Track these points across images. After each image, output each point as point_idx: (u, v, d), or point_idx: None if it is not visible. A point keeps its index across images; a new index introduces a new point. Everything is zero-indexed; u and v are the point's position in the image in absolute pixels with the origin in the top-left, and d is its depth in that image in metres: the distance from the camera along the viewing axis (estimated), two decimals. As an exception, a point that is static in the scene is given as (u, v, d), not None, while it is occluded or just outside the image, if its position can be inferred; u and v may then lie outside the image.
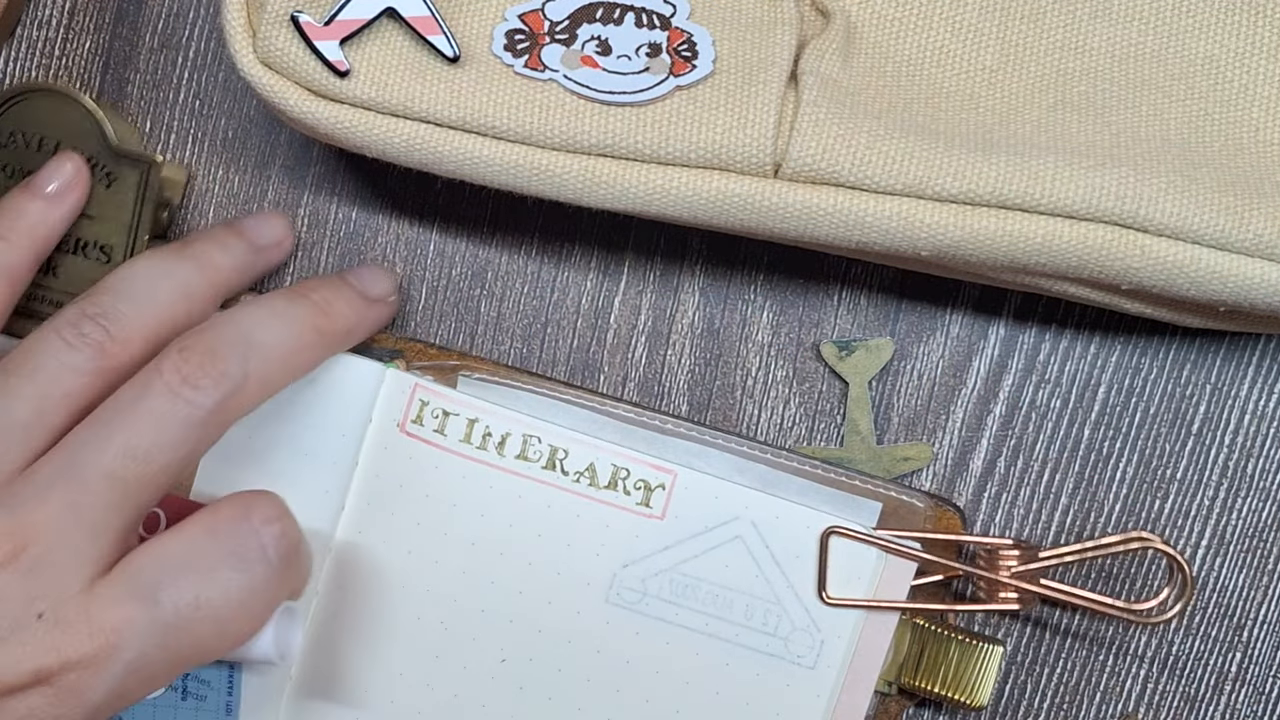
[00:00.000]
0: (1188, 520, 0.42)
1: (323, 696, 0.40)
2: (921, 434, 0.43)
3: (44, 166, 0.39)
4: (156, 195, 0.40)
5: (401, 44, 0.36)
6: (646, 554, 0.39)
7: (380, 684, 0.40)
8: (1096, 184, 0.35)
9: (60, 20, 0.43)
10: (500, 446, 0.40)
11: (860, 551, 0.39)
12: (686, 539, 0.39)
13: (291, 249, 0.42)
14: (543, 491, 0.40)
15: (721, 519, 0.39)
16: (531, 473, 0.39)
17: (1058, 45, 0.37)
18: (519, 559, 0.40)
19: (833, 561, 0.39)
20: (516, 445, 0.39)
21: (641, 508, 0.39)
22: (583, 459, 0.39)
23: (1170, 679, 0.43)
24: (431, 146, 0.36)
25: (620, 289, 0.43)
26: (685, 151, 0.36)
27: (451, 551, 0.40)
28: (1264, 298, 0.35)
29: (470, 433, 0.40)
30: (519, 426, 0.39)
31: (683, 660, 0.39)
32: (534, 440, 0.39)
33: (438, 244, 0.43)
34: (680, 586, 0.39)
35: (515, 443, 0.39)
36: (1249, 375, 0.42)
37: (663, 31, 0.36)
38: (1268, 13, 0.37)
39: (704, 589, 0.39)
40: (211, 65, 0.43)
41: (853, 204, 0.35)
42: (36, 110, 0.41)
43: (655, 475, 0.39)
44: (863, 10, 0.38)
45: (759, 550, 0.39)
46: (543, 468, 0.39)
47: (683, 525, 0.39)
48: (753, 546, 0.39)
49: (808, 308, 0.43)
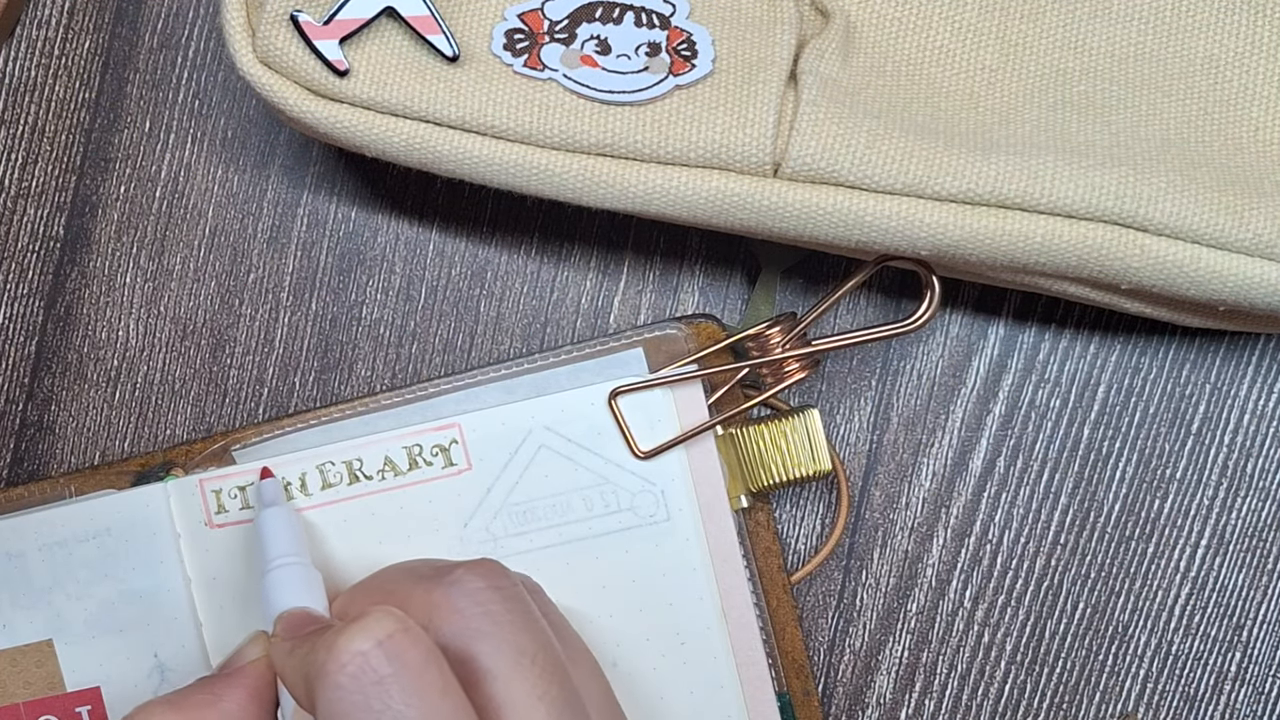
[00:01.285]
0: (1188, 520, 0.42)
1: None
2: (921, 434, 0.43)
3: None
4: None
5: (401, 43, 0.36)
6: (476, 505, 0.40)
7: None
8: (1096, 183, 0.35)
9: (60, 20, 0.43)
10: (303, 488, 0.40)
11: (649, 399, 0.40)
12: (500, 473, 0.40)
13: None
14: (361, 504, 0.40)
15: (518, 440, 0.40)
16: (342, 494, 0.40)
17: (1057, 45, 0.37)
18: None
19: (630, 420, 0.40)
20: (316, 479, 0.40)
21: (449, 469, 0.40)
22: (377, 456, 0.40)
23: (1170, 679, 0.43)
24: (431, 146, 0.36)
25: (620, 289, 0.43)
26: (685, 151, 0.36)
27: None
28: (1264, 297, 0.35)
29: None
30: (308, 461, 0.40)
31: (559, 577, 0.40)
32: (328, 465, 0.40)
33: (438, 244, 0.43)
34: (520, 515, 0.40)
35: (314, 477, 0.40)
36: (1249, 375, 0.42)
37: (662, 31, 0.36)
38: (1268, 13, 0.37)
39: (541, 506, 0.40)
40: (211, 65, 0.43)
41: (853, 204, 0.35)
42: None
43: (443, 436, 0.40)
44: (862, 10, 0.37)
45: (564, 447, 0.40)
46: (349, 484, 0.40)
47: (491, 464, 0.40)
48: (558, 447, 0.40)
49: (807, 308, 0.43)
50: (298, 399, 0.43)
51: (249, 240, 0.43)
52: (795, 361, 0.40)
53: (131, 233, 0.43)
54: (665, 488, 0.40)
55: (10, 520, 0.41)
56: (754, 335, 0.40)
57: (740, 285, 0.43)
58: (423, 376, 0.43)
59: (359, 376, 0.43)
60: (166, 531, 0.40)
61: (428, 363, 0.43)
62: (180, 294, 0.43)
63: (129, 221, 0.43)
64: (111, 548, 0.40)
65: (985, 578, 0.43)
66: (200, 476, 0.40)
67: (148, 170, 0.43)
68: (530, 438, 0.40)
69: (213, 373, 0.44)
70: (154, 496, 0.40)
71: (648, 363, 0.40)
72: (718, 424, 0.40)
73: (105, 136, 0.43)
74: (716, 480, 0.40)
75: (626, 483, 0.40)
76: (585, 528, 0.40)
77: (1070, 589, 0.42)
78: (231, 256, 0.43)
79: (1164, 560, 0.42)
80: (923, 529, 0.43)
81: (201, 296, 0.43)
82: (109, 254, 0.43)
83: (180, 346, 0.44)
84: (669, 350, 0.41)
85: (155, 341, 0.44)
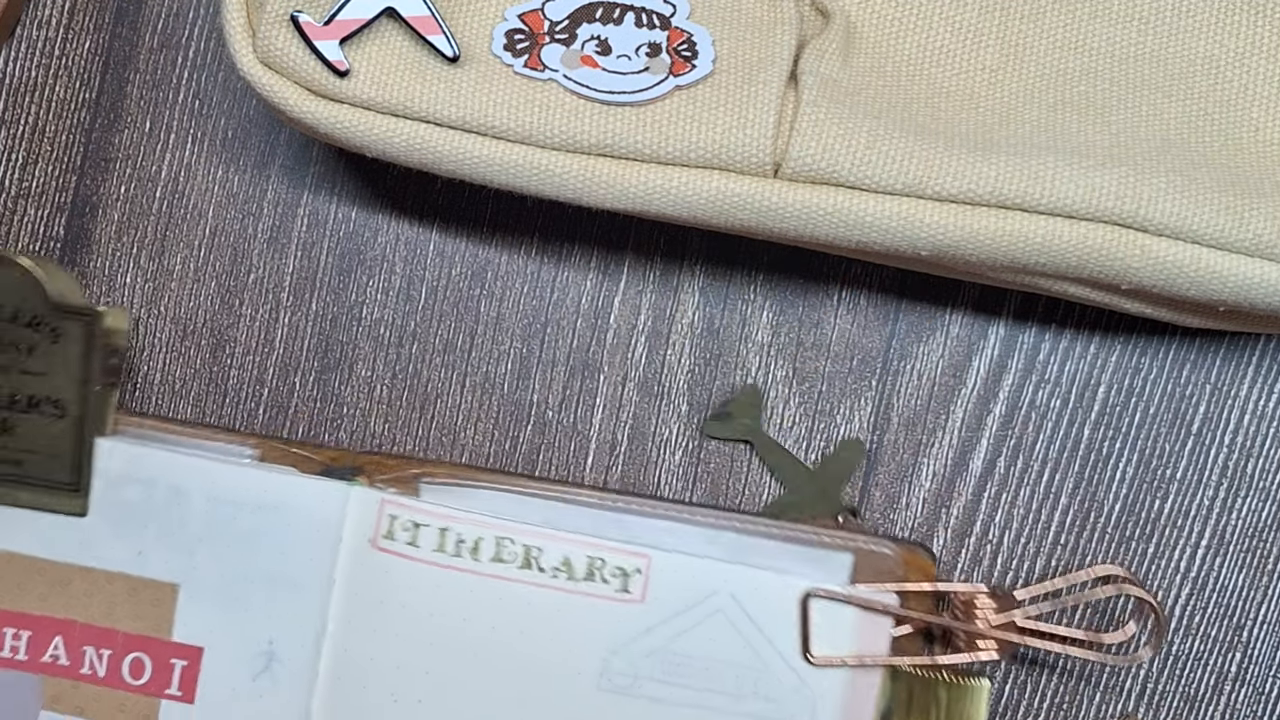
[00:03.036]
0: (1188, 520, 0.42)
1: None
2: (921, 434, 0.43)
3: None
4: (104, 344, 0.39)
5: (401, 44, 0.36)
6: (632, 638, 0.39)
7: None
8: (1096, 184, 0.35)
9: (60, 20, 0.43)
10: (474, 551, 0.40)
11: (838, 608, 0.39)
12: (669, 618, 0.39)
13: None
14: (523, 590, 0.40)
15: (701, 595, 0.39)
16: (509, 574, 0.40)
17: (1058, 45, 0.37)
18: (508, 659, 0.40)
19: (813, 621, 0.39)
20: (490, 548, 0.40)
21: (621, 594, 0.39)
22: (558, 554, 0.39)
23: (1170, 679, 0.43)
24: (431, 146, 0.36)
25: (620, 289, 0.43)
26: (685, 151, 0.36)
27: (440, 660, 0.40)
28: (1264, 298, 0.35)
29: (443, 541, 0.40)
30: (490, 529, 0.39)
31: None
32: (507, 542, 0.39)
33: (438, 244, 0.43)
34: (670, 665, 0.39)
35: (489, 546, 0.40)
36: (1249, 375, 0.42)
37: (662, 31, 0.36)
38: (1268, 13, 0.37)
39: (693, 665, 0.39)
40: (211, 65, 0.43)
41: (853, 204, 0.35)
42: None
43: (630, 561, 0.39)
44: (863, 10, 0.37)
45: (741, 621, 0.39)
46: (519, 567, 0.40)
47: (664, 606, 0.39)
48: (734, 618, 0.39)
49: (808, 308, 0.43)
50: (298, 399, 0.43)
51: (249, 240, 0.43)
52: (993, 639, 0.39)
53: (132, 233, 0.43)
54: (820, 698, 0.39)
55: (190, 459, 0.40)
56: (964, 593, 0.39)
57: (740, 285, 0.43)
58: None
59: (359, 377, 0.43)
60: (333, 533, 0.40)
61: (428, 363, 0.43)
62: (180, 294, 0.43)
63: (129, 222, 0.43)
64: (275, 526, 0.40)
65: (986, 578, 0.43)
66: (384, 496, 0.40)
67: (148, 170, 0.43)
68: (713, 598, 0.39)
69: (213, 373, 0.44)
70: (334, 495, 0.40)
71: (852, 570, 0.40)
72: (894, 664, 0.39)
73: (105, 137, 0.43)
74: (869, 709, 0.39)
75: (785, 678, 0.39)
76: (727, 702, 0.39)
77: (1070, 589, 0.43)
78: (231, 256, 0.43)
79: (1164, 560, 0.42)
80: (923, 529, 0.43)
81: (201, 296, 0.43)
82: (109, 254, 0.43)
83: (180, 346, 0.44)
84: (876, 566, 0.40)
85: (155, 341, 0.44)
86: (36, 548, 0.40)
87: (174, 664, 0.40)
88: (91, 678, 0.41)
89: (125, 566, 0.40)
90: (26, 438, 0.40)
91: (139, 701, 0.41)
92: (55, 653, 0.41)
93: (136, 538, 0.40)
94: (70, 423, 0.40)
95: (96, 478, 0.40)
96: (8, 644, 0.41)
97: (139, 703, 0.41)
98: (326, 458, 0.41)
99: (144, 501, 0.40)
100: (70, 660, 0.41)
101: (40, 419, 0.40)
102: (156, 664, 0.40)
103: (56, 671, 0.41)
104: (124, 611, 0.40)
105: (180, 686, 0.40)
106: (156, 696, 0.40)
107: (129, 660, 0.41)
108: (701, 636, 0.39)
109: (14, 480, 0.40)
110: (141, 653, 0.40)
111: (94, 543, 0.40)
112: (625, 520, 0.40)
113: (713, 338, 0.43)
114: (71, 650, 0.41)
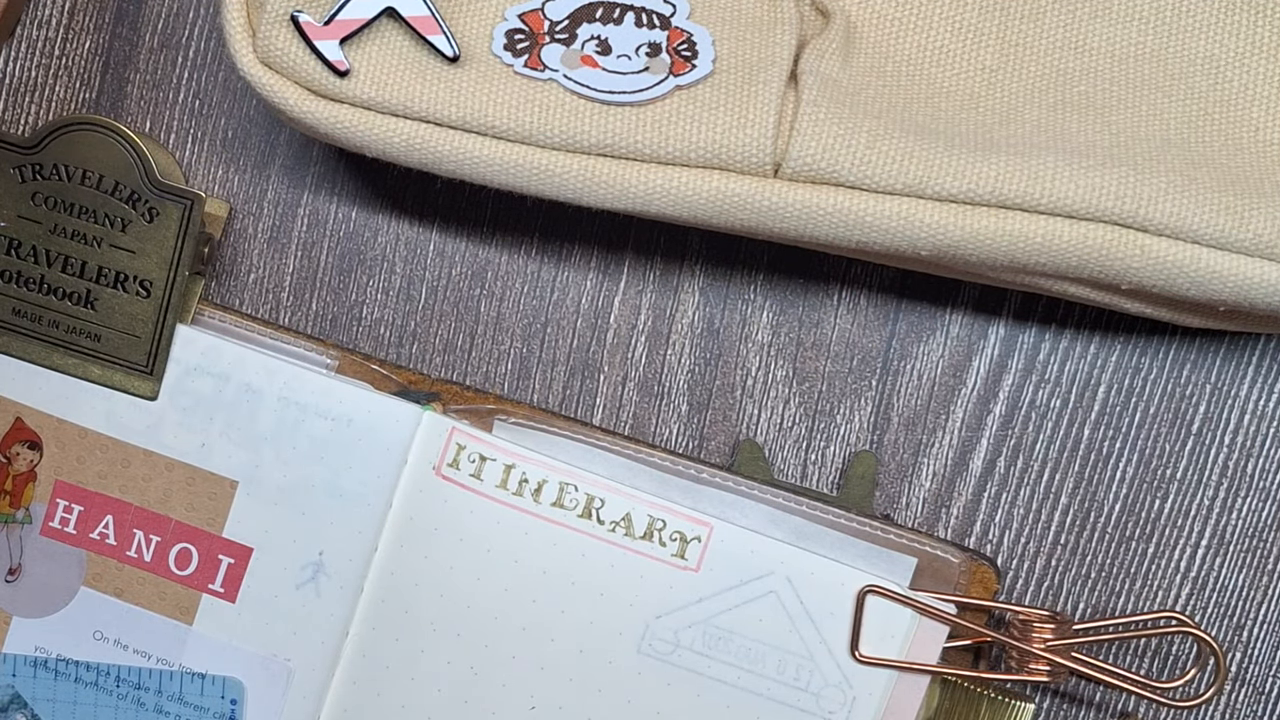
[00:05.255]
0: (1188, 520, 0.42)
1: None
2: (921, 434, 0.43)
3: None
4: (198, 231, 0.40)
5: (401, 44, 0.36)
6: (680, 605, 0.39)
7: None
8: (1096, 184, 0.35)
9: (60, 20, 0.43)
10: (536, 493, 0.40)
11: (894, 610, 0.39)
12: (721, 592, 0.39)
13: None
14: (578, 540, 0.39)
15: (756, 573, 0.39)
16: (567, 521, 0.39)
17: (1058, 45, 0.37)
18: (552, 606, 0.40)
19: (867, 619, 0.39)
20: (553, 492, 0.40)
21: (677, 559, 0.39)
22: (619, 509, 0.39)
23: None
24: (431, 146, 0.36)
25: (620, 289, 0.43)
26: (685, 151, 0.36)
27: (485, 596, 0.40)
28: (1264, 298, 0.35)
29: (507, 478, 0.40)
30: (556, 474, 0.39)
31: (714, 713, 0.39)
32: (570, 488, 0.39)
33: (438, 244, 0.43)
34: (713, 639, 0.39)
35: (552, 490, 0.40)
36: (1249, 375, 0.42)
37: (662, 31, 0.36)
38: (1268, 13, 0.37)
39: (737, 642, 0.39)
40: (211, 65, 0.43)
41: (853, 204, 0.35)
42: (79, 144, 0.40)
43: (691, 528, 0.39)
44: (863, 10, 0.37)
45: (793, 605, 0.39)
46: (579, 516, 0.39)
47: (717, 578, 0.39)
48: (787, 602, 0.39)
49: (808, 308, 0.43)
50: (298, 399, 0.43)
51: (249, 240, 0.43)
52: (1047, 663, 0.39)
53: (132, 233, 0.43)
54: (859, 696, 0.39)
55: (268, 358, 0.40)
56: (1024, 614, 0.39)
57: (740, 285, 0.43)
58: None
59: (359, 376, 0.43)
60: (398, 454, 0.40)
61: (428, 363, 0.43)
62: (180, 294, 0.44)
63: (129, 221, 0.43)
64: (343, 438, 0.40)
65: (985, 578, 0.43)
66: (455, 425, 0.40)
67: (148, 170, 0.43)
68: (768, 578, 0.39)
69: (213, 373, 0.44)
70: (406, 416, 0.40)
71: (914, 573, 0.39)
72: (944, 673, 0.39)
73: (105, 136, 0.43)
74: (909, 717, 0.39)
75: (828, 671, 0.39)
76: (765, 685, 0.39)
77: (1070, 589, 0.42)
78: (232, 256, 0.43)
79: (1164, 560, 0.42)
80: (923, 529, 0.43)
81: (202, 296, 0.44)
82: (109, 254, 0.44)
83: (180, 346, 0.44)
84: (939, 573, 0.39)
85: (155, 341, 0.44)
86: (102, 424, 0.40)
87: (221, 560, 0.40)
88: (136, 561, 0.40)
89: (187, 456, 0.40)
90: (107, 313, 0.40)
91: (180, 592, 0.40)
92: (104, 530, 0.40)
93: (203, 429, 0.40)
94: (153, 304, 0.39)
95: (172, 364, 0.40)
96: (59, 515, 0.41)
97: (180, 593, 0.40)
98: (405, 379, 0.41)
99: (215, 394, 0.40)
100: (118, 541, 0.40)
101: (124, 296, 0.40)
102: (204, 557, 0.40)
103: (103, 550, 0.40)
104: (179, 500, 0.40)
105: (224, 584, 0.40)
106: (198, 590, 0.40)
107: (176, 550, 0.40)
108: (750, 615, 0.39)
109: (89, 354, 0.40)
110: (191, 544, 0.40)
111: (159, 428, 0.40)
112: (693, 488, 0.40)
113: (713, 338, 0.43)
114: (121, 531, 0.40)
